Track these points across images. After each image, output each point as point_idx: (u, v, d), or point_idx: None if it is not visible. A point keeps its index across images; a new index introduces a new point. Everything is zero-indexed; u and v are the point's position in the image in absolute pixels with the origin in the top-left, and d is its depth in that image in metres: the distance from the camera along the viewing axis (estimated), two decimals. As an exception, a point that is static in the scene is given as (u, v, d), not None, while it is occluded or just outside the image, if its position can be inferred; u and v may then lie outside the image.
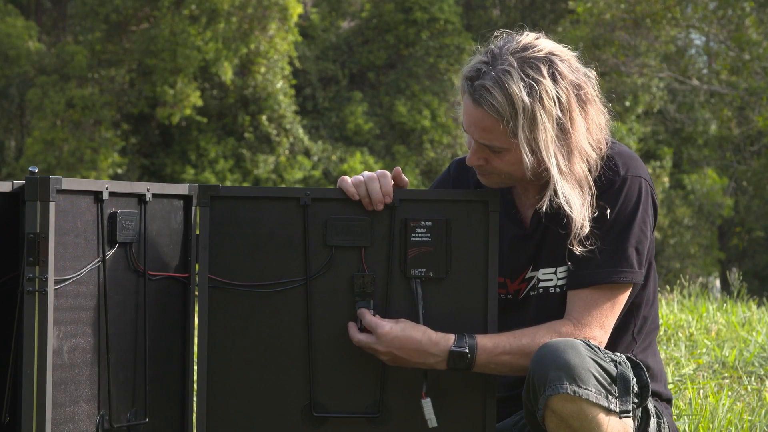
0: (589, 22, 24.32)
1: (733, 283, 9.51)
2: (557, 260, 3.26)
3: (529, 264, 3.31)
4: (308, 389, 3.25)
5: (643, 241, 3.22)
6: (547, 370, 2.99)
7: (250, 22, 26.00)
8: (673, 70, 25.80)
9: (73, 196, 2.98)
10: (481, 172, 3.28)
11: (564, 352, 2.99)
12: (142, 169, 26.77)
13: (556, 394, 2.97)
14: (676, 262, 27.29)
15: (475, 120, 3.19)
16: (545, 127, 3.13)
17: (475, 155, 3.24)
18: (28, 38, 26.31)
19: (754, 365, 5.98)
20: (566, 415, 2.99)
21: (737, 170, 26.87)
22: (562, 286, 3.27)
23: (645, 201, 3.24)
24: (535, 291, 3.30)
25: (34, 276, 2.89)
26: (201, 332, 3.24)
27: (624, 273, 3.19)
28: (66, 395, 2.97)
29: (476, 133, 3.20)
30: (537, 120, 3.12)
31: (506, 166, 3.22)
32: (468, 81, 3.20)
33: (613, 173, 3.23)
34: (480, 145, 3.22)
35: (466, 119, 3.22)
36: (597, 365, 3.01)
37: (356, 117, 27.96)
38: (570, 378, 2.97)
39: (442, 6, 28.32)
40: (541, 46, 3.19)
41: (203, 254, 3.24)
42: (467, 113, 3.21)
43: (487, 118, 3.16)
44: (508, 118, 3.13)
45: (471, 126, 3.21)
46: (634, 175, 3.24)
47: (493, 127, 3.16)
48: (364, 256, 3.25)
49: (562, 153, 3.16)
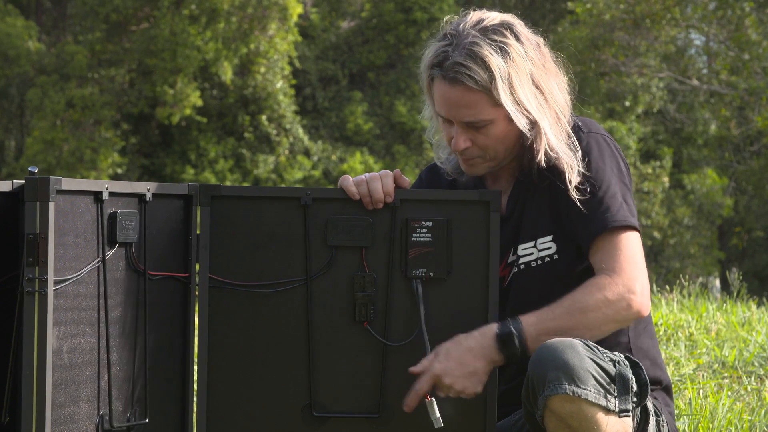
0: (588, 22, 24.32)
1: (732, 283, 9.51)
2: (537, 231, 3.28)
3: (510, 247, 3.32)
4: (309, 389, 3.25)
5: (626, 191, 3.25)
6: (545, 371, 2.98)
7: (250, 22, 26.00)
8: (672, 70, 25.81)
9: (73, 196, 2.98)
10: (466, 156, 3.28)
11: (562, 352, 2.99)
12: (142, 169, 26.77)
13: (555, 395, 2.97)
14: (676, 261, 27.29)
15: (456, 100, 3.21)
16: (523, 84, 3.19)
17: (460, 138, 3.24)
18: (28, 38, 26.30)
19: (753, 365, 5.98)
20: (565, 415, 2.99)
21: (737, 170, 26.87)
22: (544, 257, 3.27)
23: (615, 154, 3.28)
24: (518, 268, 3.30)
25: (34, 276, 2.89)
26: (201, 332, 3.24)
27: (625, 216, 3.19)
28: (66, 395, 2.97)
29: (460, 112, 3.22)
30: (514, 79, 3.18)
31: (493, 142, 3.24)
32: (436, 67, 3.23)
33: (577, 132, 3.28)
34: (464, 126, 3.23)
35: (445, 104, 3.23)
36: (596, 365, 3.00)
37: (356, 117, 27.96)
38: (569, 378, 2.97)
39: (442, 6, 28.32)
40: (493, 17, 3.27)
41: (204, 254, 3.24)
42: (445, 98, 3.23)
43: (468, 93, 3.19)
44: (488, 86, 3.17)
45: (452, 108, 3.22)
46: (597, 132, 3.30)
47: (476, 100, 3.19)
48: (364, 256, 3.25)
49: (543, 107, 3.22)
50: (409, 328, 3.25)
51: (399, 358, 3.25)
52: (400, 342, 3.25)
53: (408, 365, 3.22)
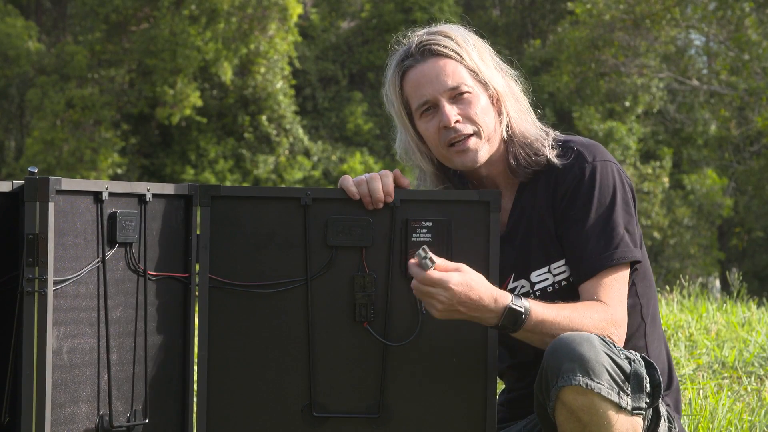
0: (588, 22, 24.32)
1: (732, 283, 9.51)
2: (549, 256, 3.27)
3: (511, 272, 3.32)
4: (309, 389, 3.25)
5: (629, 220, 3.25)
6: (561, 362, 2.97)
7: (250, 23, 26.00)
8: (672, 70, 25.81)
9: (73, 197, 2.98)
10: (459, 136, 3.28)
11: (579, 344, 2.98)
12: (142, 169, 26.77)
13: (568, 386, 2.95)
14: (675, 262, 27.28)
15: (435, 72, 3.28)
16: (486, 58, 3.33)
17: (450, 113, 3.27)
18: (28, 38, 26.31)
19: (753, 365, 5.98)
20: (576, 408, 2.97)
21: (737, 170, 26.87)
22: (560, 281, 3.27)
23: (622, 181, 3.28)
24: (535, 295, 3.29)
25: (34, 276, 2.89)
26: (201, 332, 3.24)
27: (623, 252, 3.21)
28: (66, 395, 2.97)
29: (440, 82, 3.28)
30: (480, 50, 3.33)
31: (480, 112, 3.28)
32: (406, 58, 3.32)
33: (581, 162, 3.28)
34: (449, 100, 3.28)
35: (424, 84, 3.28)
36: (611, 360, 2.99)
37: (356, 117, 27.96)
38: (583, 370, 2.95)
39: (441, 6, 28.34)
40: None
41: (203, 254, 3.24)
42: (422, 78, 3.29)
43: (448, 63, 3.28)
44: (462, 54, 3.28)
45: (432, 83, 3.28)
46: (602, 160, 3.29)
47: (455, 68, 3.29)
48: (364, 256, 3.25)
49: (509, 81, 3.34)
50: (408, 329, 3.25)
51: (399, 358, 3.25)
52: (400, 342, 3.25)
53: (408, 365, 3.23)
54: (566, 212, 3.24)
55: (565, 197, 3.24)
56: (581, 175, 3.25)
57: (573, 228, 3.23)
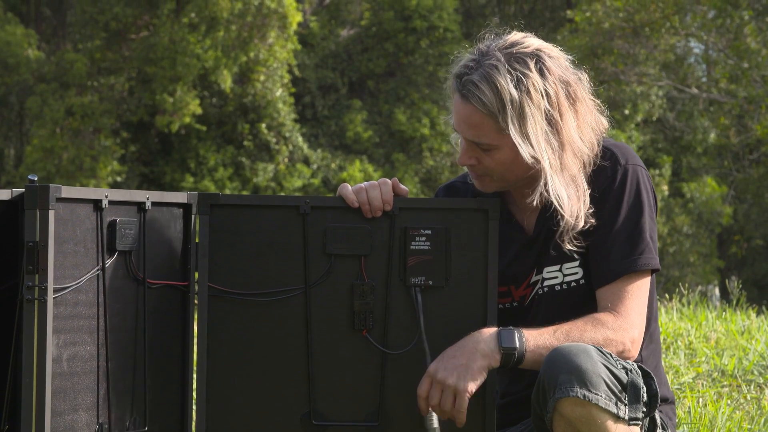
0: (587, 30, 24.34)
1: (732, 291, 9.50)
2: (564, 256, 3.27)
3: (534, 267, 3.31)
4: (308, 397, 3.25)
5: (653, 228, 3.26)
6: (558, 373, 2.97)
7: (250, 31, 26.01)
8: (672, 78, 25.82)
9: (73, 205, 2.98)
10: (474, 173, 3.28)
11: (576, 356, 2.98)
12: (142, 177, 26.77)
13: (565, 397, 2.96)
14: (675, 270, 27.27)
15: (464, 117, 3.20)
16: (534, 119, 3.15)
17: (465, 154, 3.25)
18: (28, 46, 26.31)
19: (753, 374, 5.97)
20: (574, 419, 2.98)
21: (736, 178, 26.87)
22: (569, 282, 3.27)
23: (650, 188, 3.28)
24: (542, 290, 3.30)
25: (34, 284, 2.89)
26: (200, 340, 3.24)
27: (647, 259, 3.21)
28: (65, 403, 2.97)
29: (466, 130, 3.21)
30: (525, 113, 3.15)
31: (497, 166, 3.23)
32: (457, 79, 3.22)
33: (614, 163, 3.26)
34: (470, 144, 3.22)
35: (456, 117, 3.23)
36: (608, 371, 3.00)
37: (355, 125, 27.96)
38: (581, 382, 2.96)
39: (441, 14, 28.34)
40: (529, 43, 3.24)
41: (203, 262, 3.25)
42: (456, 111, 3.23)
43: (476, 113, 3.18)
44: (496, 113, 3.15)
45: (461, 123, 3.22)
46: (634, 164, 3.27)
47: (482, 122, 3.18)
48: (363, 264, 3.25)
49: (553, 147, 3.18)
50: (408, 337, 3.25)
51: (398, 367, 3.25)
52: (399, 350, 3.25)
53: (407, 373, 3.23)
54: (595, 212, 3.24)
55: (596, 197, 3.24)
56: (613, 177, 3.25)
57: (600, 229, 3.22)
